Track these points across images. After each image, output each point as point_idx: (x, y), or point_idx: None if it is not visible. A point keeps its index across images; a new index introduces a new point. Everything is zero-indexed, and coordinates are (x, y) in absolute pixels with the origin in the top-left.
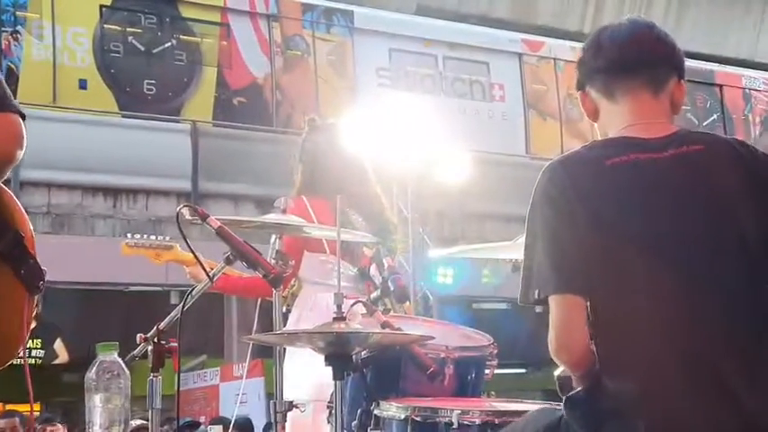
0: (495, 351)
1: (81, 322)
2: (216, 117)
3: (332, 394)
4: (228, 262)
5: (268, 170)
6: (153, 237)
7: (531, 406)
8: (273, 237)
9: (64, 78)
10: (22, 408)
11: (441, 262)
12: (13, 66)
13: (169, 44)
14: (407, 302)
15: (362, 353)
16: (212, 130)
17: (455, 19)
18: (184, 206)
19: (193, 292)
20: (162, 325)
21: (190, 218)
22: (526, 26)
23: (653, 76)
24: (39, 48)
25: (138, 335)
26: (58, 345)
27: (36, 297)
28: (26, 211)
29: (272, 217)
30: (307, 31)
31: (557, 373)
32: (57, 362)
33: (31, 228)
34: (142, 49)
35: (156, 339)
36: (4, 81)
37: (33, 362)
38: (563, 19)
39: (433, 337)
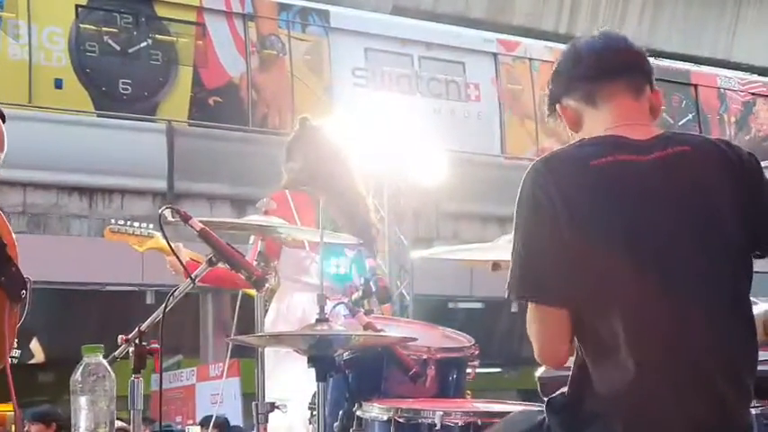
0: (477, 352)
1: (57, 322)
2: (192, 117)
3: (313, 395)
4: (211, 264)
5: (244, 170)
6: (135, 224)
7: (513, 407)
8: (252, 238)
9: (40, 78)
10: (3, 408)
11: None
12: None
13: (145, 44)
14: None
15: (344, 354)
16: (188, 129)
17: (431, 19)
18: (167, 208)
19: (175, 294)
20: (143, 326)
21: (171, 219)
22: (502, 26)
23: (632, 80)
24: (14, 47)
25: (120, 336)
26: (34, 344)
27: (18, 305)
28: (2, 211)
29: (253, 218)
30: (282, 31)
31: (538, 374)
32: (32, 361)
33: (14, 236)
34: (118, 48)
35: (137, 341)
36: None
37: (10, 361)
38: (539, 19)
39: (416, 339)
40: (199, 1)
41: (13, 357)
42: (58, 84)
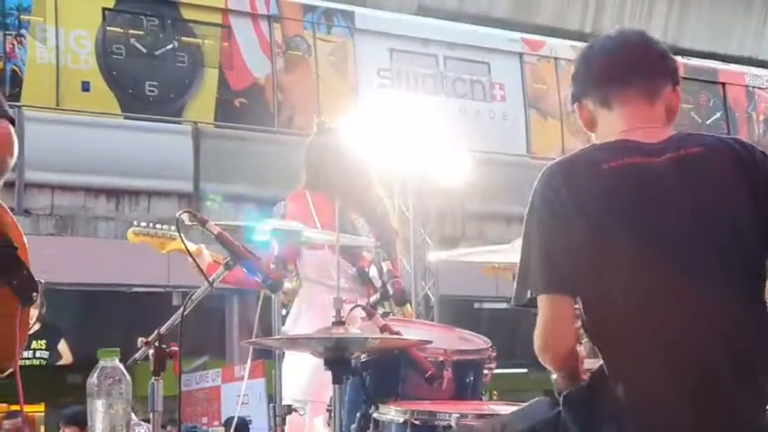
0: (494, 354)
1: (84, 323)
2: (217, 118)
3: (331, 398)
4: (228, 267)
5: (269, 171)
6: (158, 226)
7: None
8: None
9: (67, 81)
10: (29, 408)
11: None
12: (17, 68)
13: (171, 46)
14: (409, 308)
15: (362, 356)
16: (213, 131)
17: (456, 19)
18: (184, 212)
19: (194, 297)
20: (163, 329)
21: (189, 223)
22: (526, 25)
23: (647, 84)
24: (42, 51)
25: (140, 339)
26: (62, 346)
27: (29, 307)
28: (29, 213)
29: (272, 222)
30: (308, 32)
31: (554, 376)
32: (61, 363)
33: (25, 240)
34: (144, 51)
35: (157, 343)
36: None
37: (38, 363)
38: (564, 18)
39: (431, 342)
40: (224, 3)
41: (42, 359)
42: (86, 87)
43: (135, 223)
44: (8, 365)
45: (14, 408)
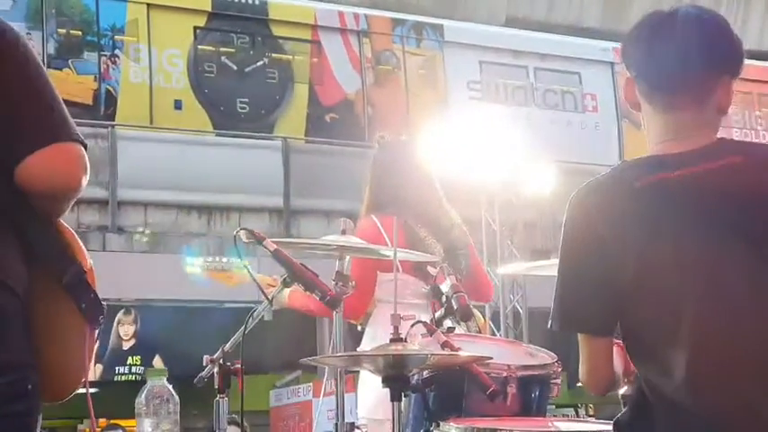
0: (560, 369)
1: (178, 339)
2: (308, 133)
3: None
4: (286, 284)
5: (360, 185)
6: (224, 259)
7: (593, 426)
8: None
9: (160, 99)
10: (124, 423)
11: None
12: (111, 88)
13: (261, 63)
14: (482, 320)
15: (424, 373)
16: (304, 146)
17: (545, 29)
18: (241, 229)
19: (254, 315)
20: (227, 347)
21: (246, 240)
22: (617, 34)
23: (699, 89)
24: (136, 70)
25: (205, 356)
26: (157, 361)
27: (96, 330)
28: (123, 230)
29: (330, 238)
30: (397, 46)
31: (621, 391)
32: None
33: (91, 263)
34: (235, 68)
35: (221, 361)
36: (65, 108)
37: (133, 378)
38: None
39: (491, 357)
40: (314, 19)
41: (137, 374)
42: (178, 105)
43: (198, 259)
44: (78, 385)
45: (114, 422)
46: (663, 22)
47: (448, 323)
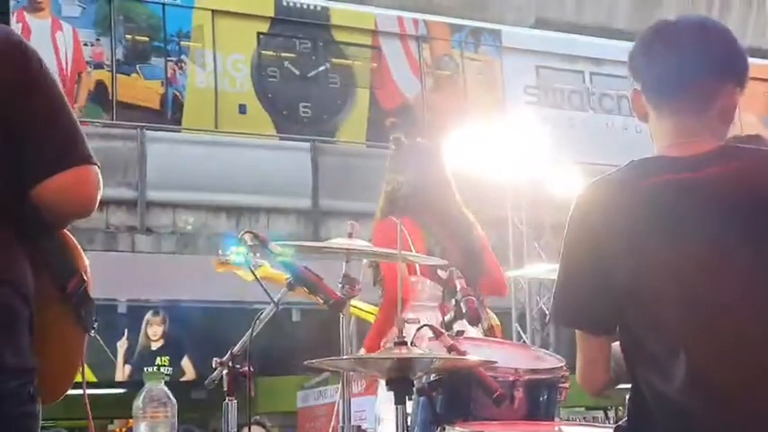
0: (568, 373)
1: (206, 339)
2: (369, 138)
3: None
4: (290, 287)
5: None
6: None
7: (600, 430)
8: (365, 261)
9: (225, 104)
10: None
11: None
12: (178, 93)
13: (323, 67)
14: (496, 321)
15: (431, 376)
16: (333, 147)
17: (574, 30)
18: (246, 232)
19: (261, 317)
20: (235, 349)
21: (251, 243)
22: None
23: (701, 94)
24: (201, 75)
25: (214, 359)
26: (185, 362)
27: (88, 335)
28: (152, 231)
29: (337, 241)
30: (456, 51)
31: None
32: (184, 379)
33: (89, 271)
34: (297, 73)
35: (230, 364)
36: (80, 128)
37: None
38: None
39: (496, 362)
40: (374, 25)
41: (166, 375)
42: (242, 109)
43: (219, 253)
44: (68, 388)
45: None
46: (666, 29)
47: (457, 326)
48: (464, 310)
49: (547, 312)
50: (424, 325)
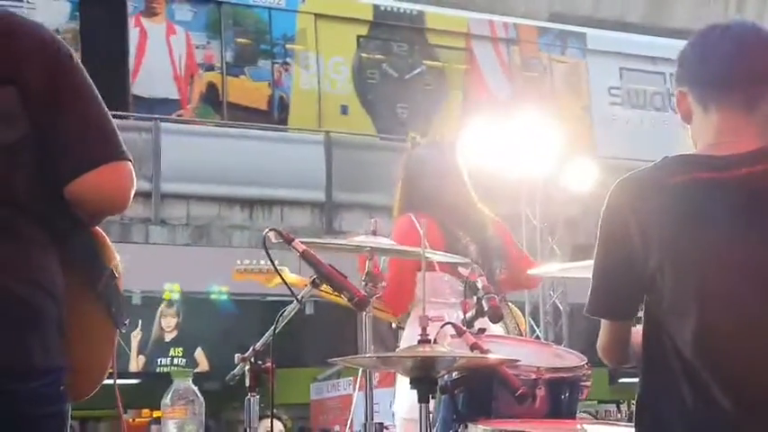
0: (590, 371)
1: (220, 331)
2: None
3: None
4: (315, 285)
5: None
6: (262, 262)
7: (622, 429)
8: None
9: (327, 105)
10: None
11: None
12: (284, 95)
13: (419, 70)
14: (522, 318)
15: (453, 374)
16: (346, 140)
17: (589, 24)
18: (270, 230)
19: (284, 315)
20: (258, 345)
21: (275, 241)
22: (661, 29)
23: (750, 93)
24: (305, 77)
25: (237, 355)
26: (199, 353)
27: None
28: (166, 223)
29: (359, 239)
30: (543, 54)
31: None
32: (198, 370)
33: (120, 267)
34: (395, 75)
35: (252, 359)
36: (113, 124)
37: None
38: (700, 19)
39: (518, 360)
40: (467, 28)
41: (180, 366)
42: (344, 110)
43: (238, 262)
44: (99, 385)
45: (157, 414)
46: (717, 31)
47: (479, 324)
48: (485, 308)
49: (560, 306)
50: (447, 323)
